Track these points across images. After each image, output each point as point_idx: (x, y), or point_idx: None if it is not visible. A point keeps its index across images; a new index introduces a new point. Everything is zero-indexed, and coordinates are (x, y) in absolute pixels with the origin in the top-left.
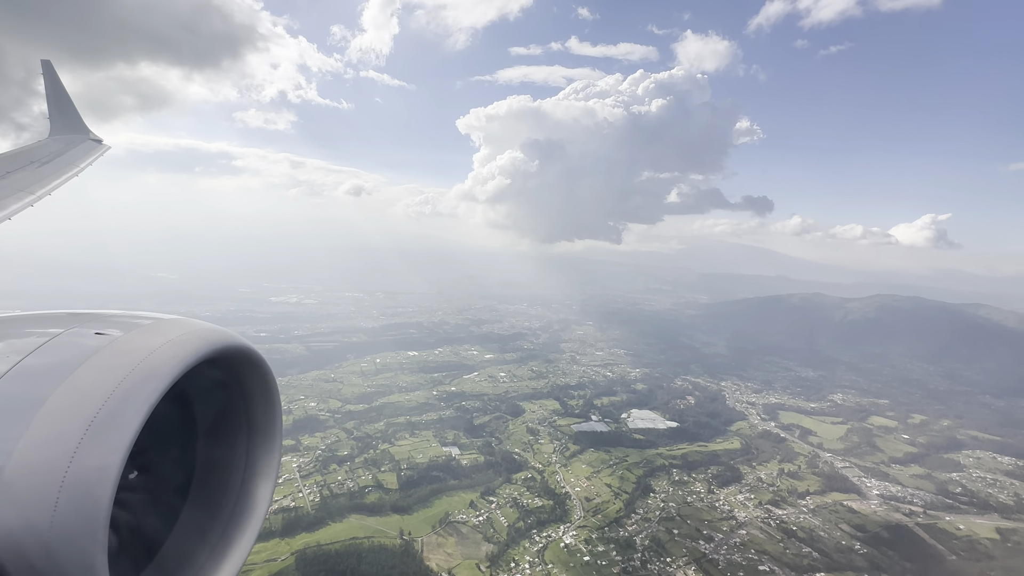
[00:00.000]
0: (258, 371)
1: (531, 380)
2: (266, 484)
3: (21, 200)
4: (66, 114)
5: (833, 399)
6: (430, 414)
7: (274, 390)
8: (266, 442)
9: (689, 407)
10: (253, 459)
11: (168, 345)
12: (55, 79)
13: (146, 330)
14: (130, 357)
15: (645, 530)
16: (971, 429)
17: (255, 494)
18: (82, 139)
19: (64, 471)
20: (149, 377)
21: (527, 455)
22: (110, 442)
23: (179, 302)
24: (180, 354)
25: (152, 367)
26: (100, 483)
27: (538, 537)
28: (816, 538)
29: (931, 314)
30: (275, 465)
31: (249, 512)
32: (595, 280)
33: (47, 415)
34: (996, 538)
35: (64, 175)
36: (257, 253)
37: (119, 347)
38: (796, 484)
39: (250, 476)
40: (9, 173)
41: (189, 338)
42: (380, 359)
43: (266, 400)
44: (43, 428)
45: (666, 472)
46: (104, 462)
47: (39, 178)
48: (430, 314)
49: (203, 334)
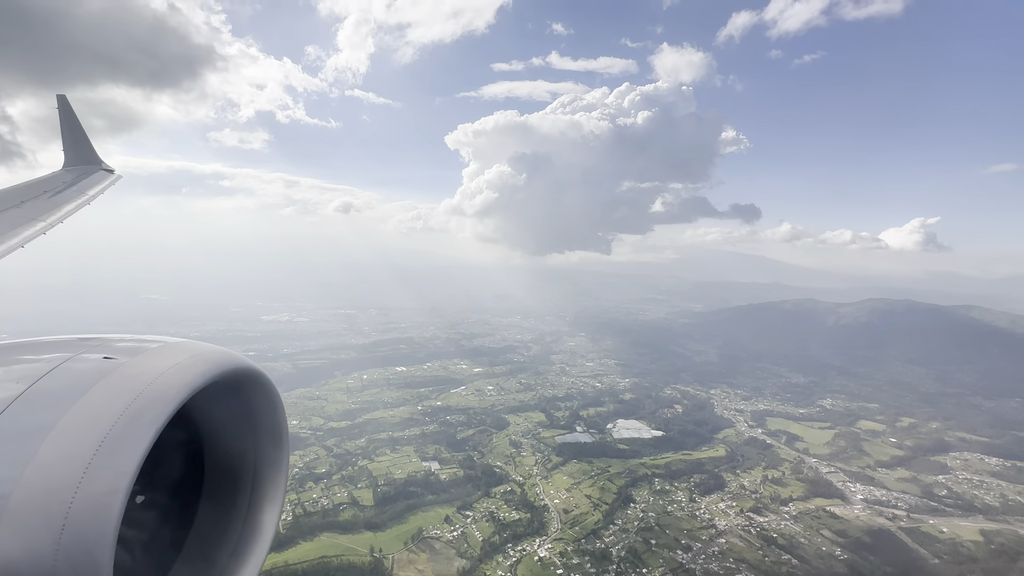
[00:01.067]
0: (265, 393)
1: (518, 393)
2: (273, 508)
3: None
4: (79, 146)
5: (822, 404)
6: (413, 429)
7: (281, 413)
8: (273, 465)
9: (676, 416)
10: (260, 482)
11: (175, 368)
12: (70, 113)
13: (154, 354)
14: (138, 381)
15: (622, 541)
16: (959, 431)
17: (262, 518)
18: (94, 169)
19: (71, 497)
20: (156, 401)
21: (508, 468)
22: (117, 466)
23: (169, 323)
24: (187, 377)
25: (159, 391)
26: (107, 508)
27: (512, 551)
28: (796, 545)
29: (923, 317)
30: (282, 489)
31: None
32: (589, 291)
33: (55, 440)
34: (980, 540)
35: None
36: (250, 273)
37: (127, 371)
38: (779, 491)
39: (257, 500)
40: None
41: (196, 361)
42: (367, 375)
43: (273, 423)
44: (51, 454)
45: (648, 482)
46: (111, 487)
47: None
48: (422, 329)
49: (211, 357)
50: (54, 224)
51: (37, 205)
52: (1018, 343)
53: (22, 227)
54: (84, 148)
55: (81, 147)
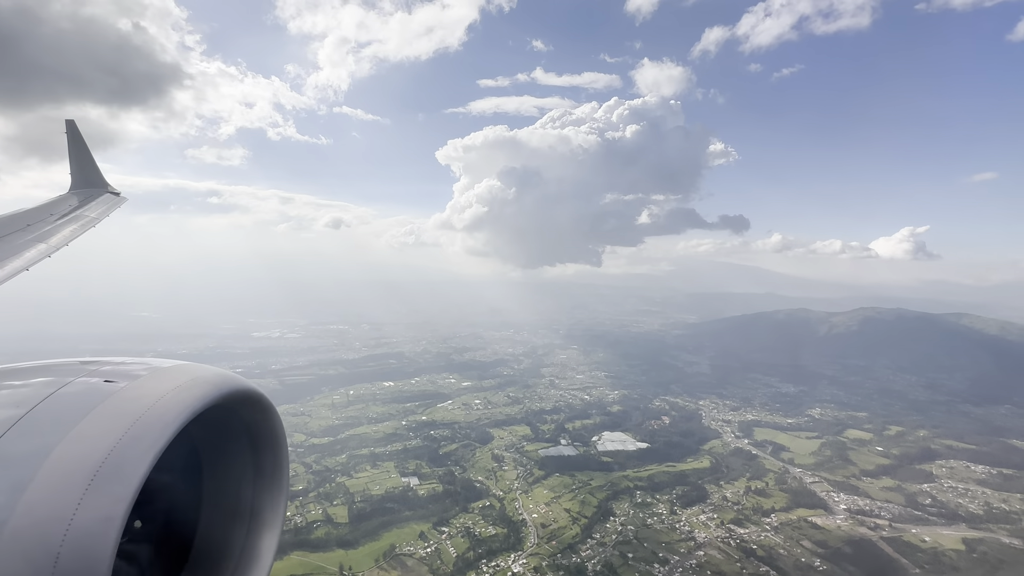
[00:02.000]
0: (266, 416)
1: (506, 407)
2: (271, 534)
3: (40, 251)
4: (86, 169)
5: (811, 414)
6: (396, 444)
7: (281, 436)
8: (272, 489)
9: (663, 427)
10: (259, 508)
11: (176, 391)
12: (78, 138)
13: (154, 377)
14: (137, 404)
15: (599, 555)
16: (947, 439)
17: (260, 544)
18: (100, 192)
19: (67, 524)
20: (155, 425)
21: (489, 483)
22: (114, 493)
23: (157, 341)
24: (187, 400)
25: (158, 414)
26: (102, 536)
27: (486, 567)
28: (775, 556)
29: (914, 325)
30: (281, 514)
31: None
32: (584, 304)
33: (52, 466)
34: (962, 549)
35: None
36: (243, 290)
37: (127, 395)
38: (762, 502)
39: (256, 526)
40: (30, 226)
41: (197, 384)
42: (354, 391)
43: (274, 446)
44: (48, 479)
45: (630, 495)
46: (108, 514)
47: (57, 230)
48: (413, 344)
49: (211, 379)
50: (59, 247)
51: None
52: (1008, 350)
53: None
54: (91, 171)
55: (88, 170)
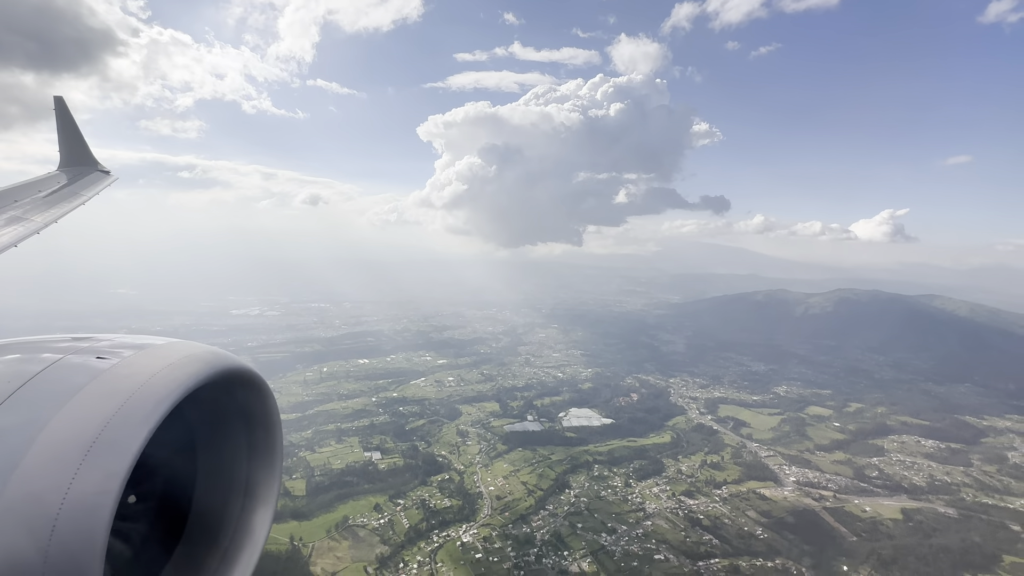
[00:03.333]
0: (259, 394)
1: (478, 384)
2: (265, 510)
3: (28, 229)
4: (75, 147)
5: (777, 391)
6: (363, 420)
7: (275, 413)
8: (266, 466)
9: (630, 404)
10: (253, 484)
11: (169, 369)
12: (66, 114)
13: (147, 354)
14: (130, 381)
15: (549, 525)
16: (903, 415)
17: (254, 521)
18: (90, 170)
19: (62, 497)
20: (149, 401)
21: (452, 457)
22: (108, 467)
23: (132, 318)
24: (180, 377)
25: (152, 391)
26: (97, 511)
27: (437, 537)
28: (720, 526)
29: (887, 306)
30: (275, 491)
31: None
32: (569, 284)
33: (45, 441)
34: (899, 518)
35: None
36: (224, 267)
37: (119, 371)
38: (716, 475)
39: (250, 502)
40: (18, 203)
41: (190, 361)
42: (327, 368)
43: (267, 423)
44: (41, 455)
45: (588, 468)
46: (102, 487)
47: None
48: (394, 322)
49: (204, 357)
50: (48, 224)
51: (32, 205)
52: (975, 331)
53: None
54: (80, 149)
55: (77, 148)
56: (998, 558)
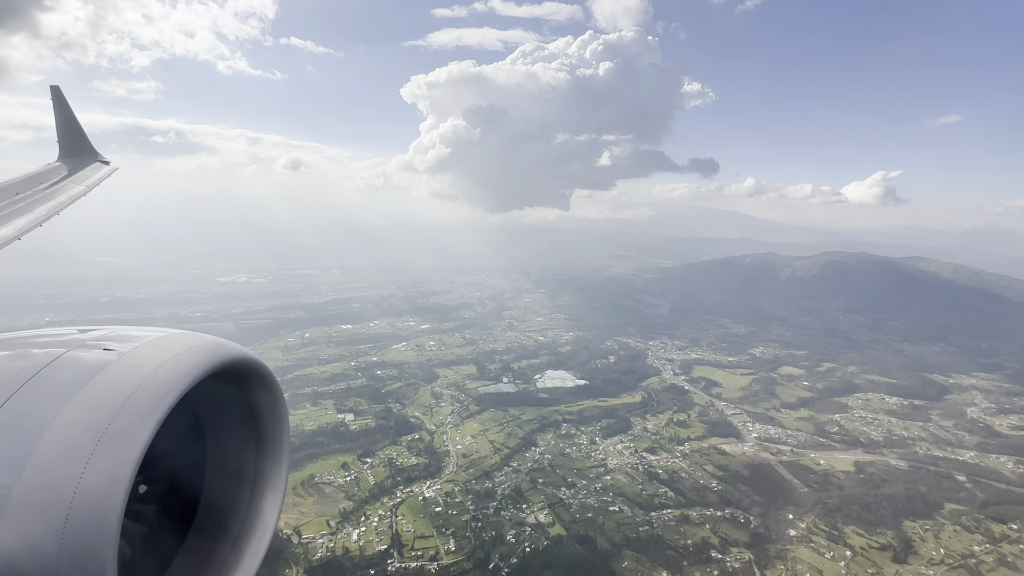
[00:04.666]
0: (265, 384)
1: (459, 348)
2: (274, 498)
3: (31, 221)
4: (74, 138)
5: (753, 353)
6: (340, 384)
7: (281, 402)
8: (274, 455)
9: (607, 366)
10: (261, 472)
11: (176, 359)
12: (64, 104)
13: (153, 345)
14: (138, 372)
15: (511, 481)
16: (872, 374)
17: (263, 508)
18: (90, 161)
19: (74, 486)
20: (156, 391)
21: (425, 418)
22: (119, 457)
23: (116, 286)
24: (187, 367)
25: (159, 381)
26: (109, 499)
27: (401, 493)
28: (676, 479)
29: (872, 268)
30: (283, 479)
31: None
32: (561, 249)
33: (56, 433)
34: (851, 471)
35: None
36: (212, 234)
37: (127, 362)
38: (681, 432)
39: (259, 490)
40: (20, 195)
41: (196, 352)
42: (310, 333)
43: (273, 413)
44: (52, 446)
45: (556, 427)
46: (113, 477)
47: (48, 199)
48: (381, 288)
49: (210, 348)
50: (50, 216)
51: (33, 197)
52: (955, 292)
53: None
54: (79, 140)
55: (76, 139)
56: (939, 505)
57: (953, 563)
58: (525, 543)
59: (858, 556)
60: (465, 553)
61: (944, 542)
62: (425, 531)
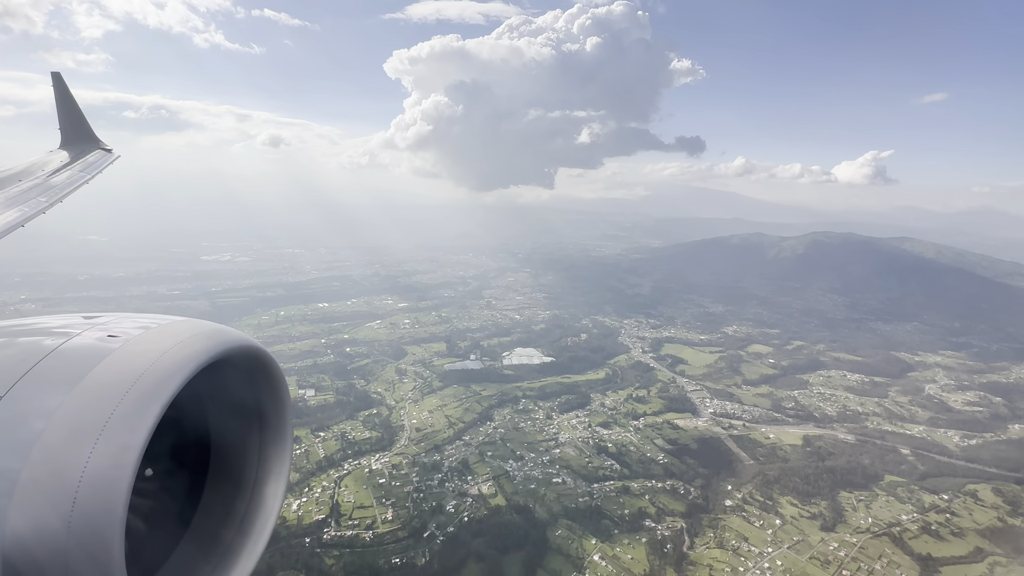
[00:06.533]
0: (267, 370)
1: (433, 326)
2: (278, 482)
3: (35, 208)
4: (76, 125)
5: (725, 331)
6: (307, 361)
7: (284, 389)
8: (277, 440)
9: (577, 344)
10: (265, 457)
11: (179, 346)
12: (65, 91)
13: (157, 332)
14: (142, 358)
15: (460, 454)
16: (839, 352)
17: (267, 493)
18: (92, 148)
19: (81, 470)
20: (161, 378)
21: (387, 394)
22: (124, 441)
23: (96, 264)
24: (191, 354)
25: (164, 368)
26: (115, 483)
27: (349, 465)
28: (625, 453)
29: (857, 248)
30: (286, 463)
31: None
32: (552, 229)
33: (62, 418)
34: (799, 444)
35: (74, 184)
36: (199, 212)
37: (131, 349)
38: (638, 407)
39: (263, 475)
40: (22, 183)
41: (200, 339)
42: (285, 311)
43: (276, 398)
44: (58, 431)
45: (514, 403)
46: (119, 461)
47: (51, 187)
48: (365, 267)
49: (213, 335)
50: (53, 204)
51: (35, 185)
52: (936, 272)
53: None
54: (81, 127)
55: (78, 126)
56: (880, 477)
57: (878, 531)
58: (464, 513)
59: (787, 524)
60: (401, 522)
61: (875, 512)
62: (366, 501)
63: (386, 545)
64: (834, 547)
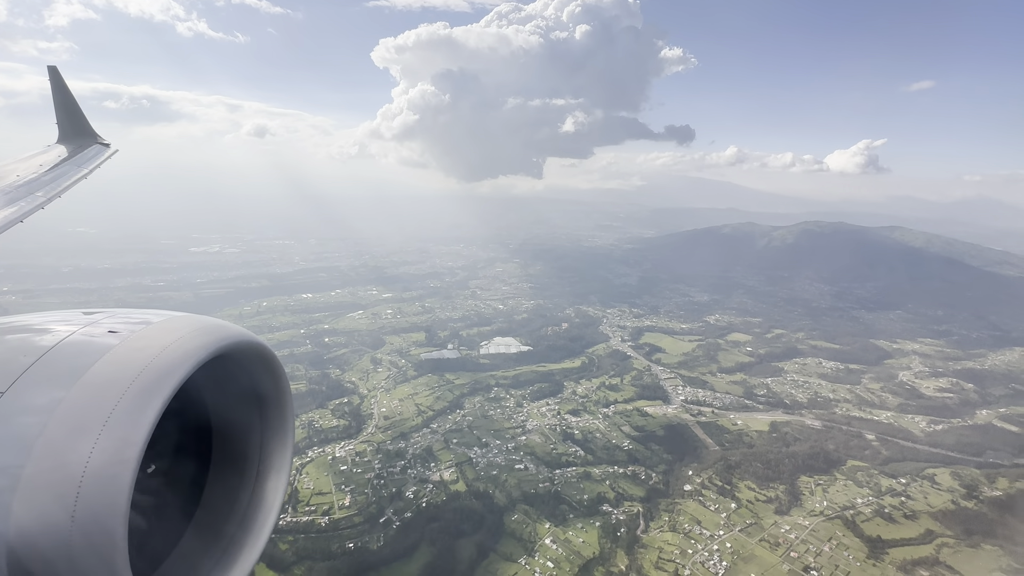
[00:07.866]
0: (268, 365)
1: (415, 316)
2: (279, 478)
3: (32, 204)
4: (74, 119)
5: (708, 320)
6: (284, 351)
7: (285, 384)
8: (278, 435)
9: (557, 333)
10: (267, 453)
11: (180, 342)
12: (62, 85)
13: (157, 327)
14: (143, 354)
15: (426, 442)
16: (818, 340)
17: (268, 488)
18: (90, 143)
19: (84, 465)
20: (162, 373)
21: (360, 383)
22: (126, 436)
23: (83, 255)
24: (191, 350)
25: (165, 363)
26: (119, 475)
27: (313, 453)
28: (590, 439)
29: (847, 238)
30: (288, 458)
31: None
32: (546, 220)
33: (65, 413)
34: (765, 430)
35: (72, 178)
36: (190, 204)
37: (132, 344)
38: (609, 395)
39: (264, 470)
40: (20, 178)
41: (199, 334)
42: (268, 302)
43: (277, 394)
44: (61, 426)
45: (486, 391)
46: (122, 455)
47: (48, 181)
48: (354, 258)
49: (213, 330)
50: (51, 199)
51: (34, 180)
52: (923, 261)
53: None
54: (79, 122)
55: (75, 121)
56: (842, 462)
57: (832, 514)
58: (423, 499)
59: (742, 508)
60: (358, 508)
61: (831, 496)
62: (325, 488)
63: (342, 530)
64: (785, 530)
